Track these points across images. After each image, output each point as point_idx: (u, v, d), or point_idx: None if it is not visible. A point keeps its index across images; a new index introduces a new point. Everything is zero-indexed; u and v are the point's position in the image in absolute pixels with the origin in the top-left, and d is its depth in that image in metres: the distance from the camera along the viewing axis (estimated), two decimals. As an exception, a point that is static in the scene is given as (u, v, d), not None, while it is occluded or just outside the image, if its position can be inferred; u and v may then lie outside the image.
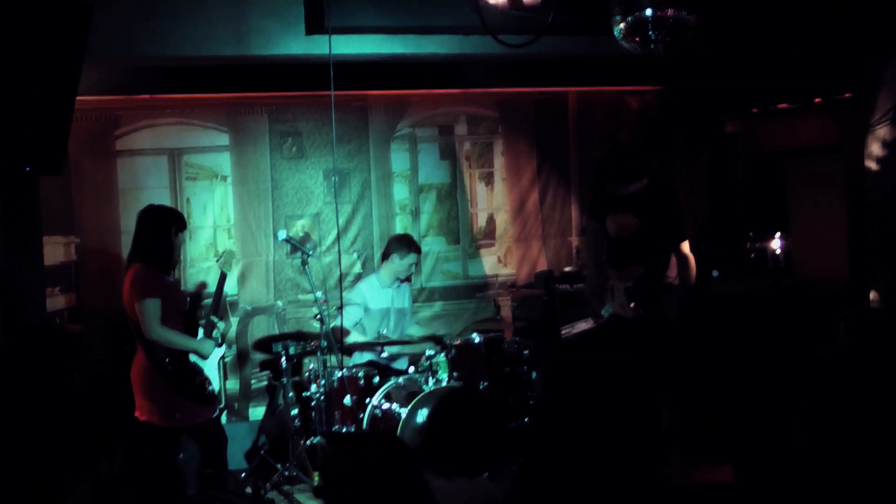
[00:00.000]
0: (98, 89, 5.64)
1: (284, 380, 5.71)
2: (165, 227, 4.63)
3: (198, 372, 4.70)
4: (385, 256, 6.01)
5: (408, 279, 6.16)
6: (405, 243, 5.97)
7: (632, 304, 5.10)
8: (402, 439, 4.98)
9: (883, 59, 5.69)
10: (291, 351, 5.71)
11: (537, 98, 7.06)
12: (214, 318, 4.87)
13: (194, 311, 4.90)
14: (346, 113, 6.48)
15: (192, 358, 4.70)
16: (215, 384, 4.79)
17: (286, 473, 5.41)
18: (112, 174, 6.18)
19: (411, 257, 5.93)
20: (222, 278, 5.03)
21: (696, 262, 5.22)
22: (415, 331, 6.16)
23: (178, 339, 4.61)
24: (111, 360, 5.79)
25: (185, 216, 6.21)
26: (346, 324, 5.80)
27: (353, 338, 5.84)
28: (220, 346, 4.90)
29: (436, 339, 6.04)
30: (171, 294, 4.62)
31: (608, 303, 5.29)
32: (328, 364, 5.53)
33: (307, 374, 5.77)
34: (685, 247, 5.19)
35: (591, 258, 5.64)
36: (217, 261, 5.14)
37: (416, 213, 6.84)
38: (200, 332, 4.80)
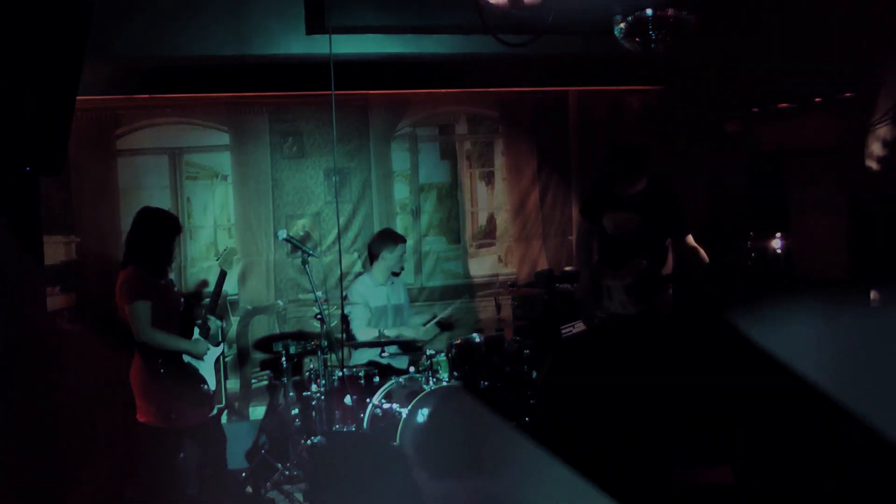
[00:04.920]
0: (98, 89, 5.64)
1: (285, 379, 5.71)
2: (158, 230, 4.62)
3: (193, 372, 4.70)
4: (374, 257, 6.01)
5: (398, 273, 6.16)
6: (389, 238, 5.99)
7: (633, 301, 5.11)
8: (391, 439, 5.00)
9: (883, 59, 5.69)
10: (292, 350, 5.72)
11: (537, 98, 7.06)
12: (211, 317, 4.86)
13: (191, 310, 4.89)
14: (347, 112, 6.49)
15: (187, 358, 4.69)
16: (212, 384, 4.78)
17: (287, 473, 5.41)
18: (112, 174, 6.18)
19: (400, 248, 5.96)
20: (222, 276, 5.01)
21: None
22: (417, 319, 6.19)
23: (169, 341, 4.60)
24: (111, 360, 5.79)
25: (186, 216, 6.27)
26: (360, 325, 5.81)
27: (367, 335, 5.81)
28: (217, 345, 4.90)
29: (438, 323, 6.08)
30: (162, 296, 4.60)
31: (605, 302, 5.28)
32: (328, 363, 5.53)
33: (307, 373, 5.77)
34: (691, 239, 5.19)
35: (581, 260, 5.63)
36: (217, 259, 5.13)
37: (416, 213, 6.85)
38: (196, 331, 4.79)
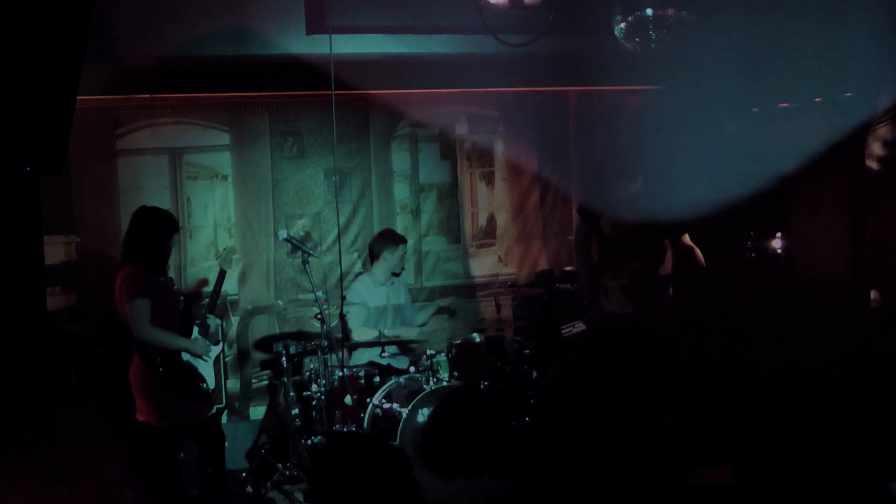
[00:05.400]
0: (98, 89, 5.64)
1: (285, 379, 5.71)
2: (156, 229, 4.62)
3: (192, 371, 4.70)
4: (375, 257, 6.01)
5: (398, 274, 6.16)
6: (391, 238, 6.00)
7: (629, 301, 5.12)
8: (391, 439, 5.00)
9: (883, 59, 5.69)
10: (292, 350, 5.72)
11: (538, 98, 7.06)
12: (210, 316, 4.87)
13: (190, 309, 4.90)
14: (347, 112, 6.48)
15: (186, 357, 4.70)
16: (211, 382, 4.78)
17: (287, 473, 5.41)
18: (112, 174, 6.18)
19: (401, 248, 5.97)
20: (221, 275, 5.01)
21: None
22: (422, 317, 6.18)
23: (168, 339, 4.61)
24: (111, 360, 5.79)
25: (186, 216, 6.27)
26: (356, 325, 5.81)
27: (362, 335, 5.82)
28: (217, 343, 4.90)
29: (442, 310, 6.08)
30: (161, 294, 4.61)
31: (603, 302, 5.29)
32: (329, 363, 5.53)
33: (308, 373, 5.77)
34: (687, 239, 5.21)
35: (580, 260, 5.64)
36: (217, 258, 5.14)
37: (416, 213, 6.84)
38: (195, 330, 4.79)
